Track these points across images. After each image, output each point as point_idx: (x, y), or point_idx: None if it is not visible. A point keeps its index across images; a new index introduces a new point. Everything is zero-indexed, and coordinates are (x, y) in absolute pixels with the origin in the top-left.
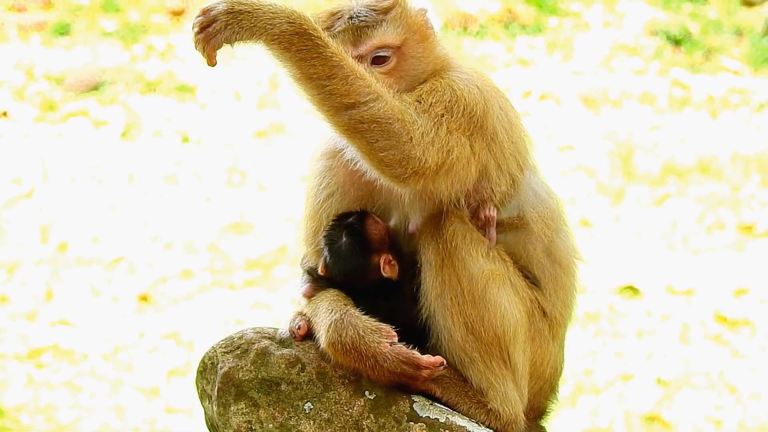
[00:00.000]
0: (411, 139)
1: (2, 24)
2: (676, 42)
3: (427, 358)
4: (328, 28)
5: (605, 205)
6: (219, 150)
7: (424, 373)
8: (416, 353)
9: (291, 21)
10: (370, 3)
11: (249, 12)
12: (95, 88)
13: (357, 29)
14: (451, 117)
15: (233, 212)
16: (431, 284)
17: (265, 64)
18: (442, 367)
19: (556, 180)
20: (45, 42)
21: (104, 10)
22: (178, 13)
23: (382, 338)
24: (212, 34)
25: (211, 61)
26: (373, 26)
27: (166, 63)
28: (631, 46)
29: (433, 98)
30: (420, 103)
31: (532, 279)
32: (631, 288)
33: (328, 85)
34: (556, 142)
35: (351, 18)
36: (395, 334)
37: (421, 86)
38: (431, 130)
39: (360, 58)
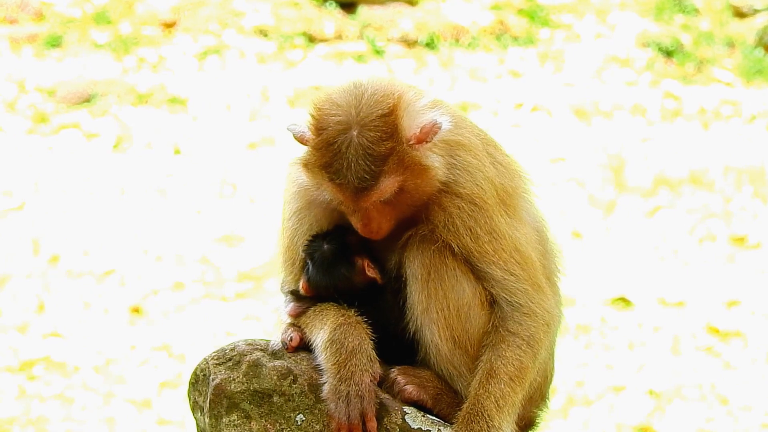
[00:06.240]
0: (547, 313)
1: None
2: (668, 53)
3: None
4: (324, 166)
5: (597, 217)
6: (210, 162)
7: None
8: (372, 415)
9: None
10: (369, 145)
11: None
12: (87, 100)
13: (356, 189)
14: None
15: (224, 224)
16: (417, 298)
17: (256, 77)
18: None
19: (547, 192)
20: (37, 54)
21: (96, 22)
22: (169, 25)
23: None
24: None
25: None
26: (371, 186)
27: (157, 75)
28: (623, 57)
29: (513, 257)
30: (511, 268)
31: None
32: (622, 300)
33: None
34: (548, 153)
35: (350, 171)
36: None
37: (480, 237)
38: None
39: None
